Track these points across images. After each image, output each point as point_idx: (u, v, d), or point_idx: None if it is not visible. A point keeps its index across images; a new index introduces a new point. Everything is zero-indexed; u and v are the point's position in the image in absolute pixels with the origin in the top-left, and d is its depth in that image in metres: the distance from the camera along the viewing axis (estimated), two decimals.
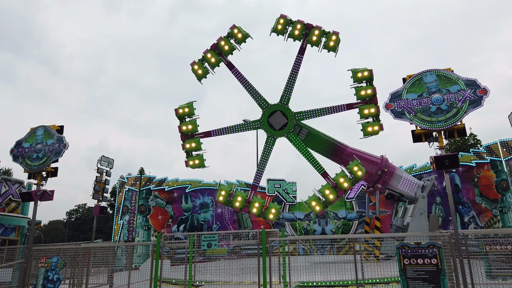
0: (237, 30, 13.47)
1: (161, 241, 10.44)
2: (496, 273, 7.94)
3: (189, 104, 13.74)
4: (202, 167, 13.98)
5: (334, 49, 13.34)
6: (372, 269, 9.75)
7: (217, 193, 13.44)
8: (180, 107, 13.62)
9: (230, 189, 13.28)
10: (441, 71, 9.11)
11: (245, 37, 13.59)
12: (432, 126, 8.68)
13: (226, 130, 14.64)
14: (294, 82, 14.48)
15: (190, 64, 13.75)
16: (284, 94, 14.37)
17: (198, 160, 13.79)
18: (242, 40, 13.70)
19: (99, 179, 16.01)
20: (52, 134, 12.08)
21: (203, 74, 13.74)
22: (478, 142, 39.20)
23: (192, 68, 13.73)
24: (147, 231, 27.92)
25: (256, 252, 10.07)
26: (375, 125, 12.67)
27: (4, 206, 19.28)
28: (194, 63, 13.68)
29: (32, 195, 11.30)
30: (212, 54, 13.52)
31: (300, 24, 13.45)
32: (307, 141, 15.20)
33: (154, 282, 9.99)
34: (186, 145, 13.80)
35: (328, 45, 13.36)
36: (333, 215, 27.92)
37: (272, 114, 14.57)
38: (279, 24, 13.57)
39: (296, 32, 13.54)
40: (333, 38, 13.06)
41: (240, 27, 13.63)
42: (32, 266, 10.84)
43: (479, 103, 8.57)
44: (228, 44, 13.46)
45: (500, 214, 22.63)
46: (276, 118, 14.66)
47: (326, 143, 15.57)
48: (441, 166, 8.06)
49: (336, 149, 15.65)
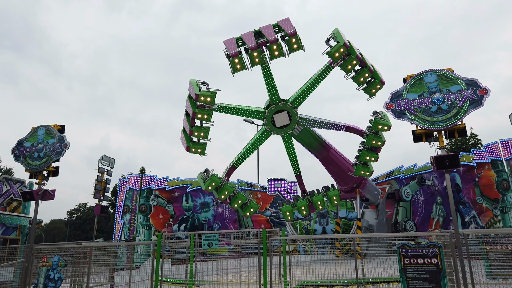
0: (295, 39, 12.89)
1: (162, 241, 10.46)
2: (496, 273, 7.94)
3: (213, 93, 13.32)
4: (202, 155, 14.38)
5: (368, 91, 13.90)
6: (372, 268, 9.75)
7: (207, 182, 14.20)
8: (202, 94, 13.17)
9: (220, 182, 14.42)
10: (442, 71, 9.11)
11: (299, 49, 13.29)
12: (433, 126, 8.68)
13: (229, 109, 14.69)
14: (312, 91, 14.86)
15: (232, 54, 12.72)
16: (298, 98, 14.77)
17: (201, 148, 14.21)
18: (293, 50, 13.21)
19: (100, 178, 16.04)
20: (53, 134, 12.10)
21: (240, 69, 13.16)
22: (479, 142, 39.17)
23: (231, 60, 12.85)
24: (148, 231, 27.95)
25: (257, 252, 10.09)
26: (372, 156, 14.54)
27: (5, 205, 19.33)
28: (236, 55, 12.78)
29: (33, 195, 11.32)
30: (258, 53, 12.85)
31: (355, 60, 13.33)
32: (300, 135, 15.95)
33: (155, 282, 10.01)
34: (195, 132, 13.78)
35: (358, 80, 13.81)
36: (334, 215, 27.90)
37: (279, 112, 14.84)
38: (337, 52, 13.23)
39: (348, 66, 13.54)
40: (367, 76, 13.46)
41: (299, 37, 13.03)
42: (33, 265, 10.86)
43: (480, 103, 8.57)
44: (280, 50, 12.96)
45: (500, 214, 22.62)
46: (281, 116, 14.94)
47: (316, 140, 16.64)
48: (442, 166, 8.06)
49: (323, 147, 16.97)
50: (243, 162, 15.54)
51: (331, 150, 17.45)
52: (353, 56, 13.49)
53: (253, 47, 12.71)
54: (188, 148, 14.48)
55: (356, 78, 13.87)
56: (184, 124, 14.87)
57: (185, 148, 14.77)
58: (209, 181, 14.47)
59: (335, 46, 13.51)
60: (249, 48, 12.66)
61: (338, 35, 13.75)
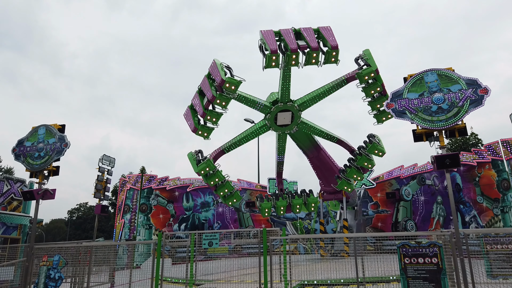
0: (335, 53, 13.14)
1: (162, 240, 10.46)
2: (496, 273, 7.94)
3: (239, 83, 13.14)
4: (206, 139, 14.73)
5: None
6: (373, 268, 9.75)
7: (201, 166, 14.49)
8: (228, 80, 12.97)
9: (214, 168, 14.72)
10: (442, 70, 9.10)
11: (334, 62, 13.43)
12: (433, 125, 8.67)
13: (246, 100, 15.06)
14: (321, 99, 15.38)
15: (272, 50, 12.49)
16: (306, 103, 15.27)
17: (207, 132, 14.49)
18: (328, 63, 13.43)
19: (100, 178, 16.04)
20: (53, 133, 12.10)
21: (274, 66, 13.07)
22: (479, 141, 39.15)
23: (269, 56, 12.61)
24: (148, 230, 27.98)
25: (257, 251, 10.09)
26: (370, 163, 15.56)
27: (6, 204, 19.34)
28: (275, 52, 12.55)
29: (34, 194, 11.32)
30: (296, 56, 12.84)
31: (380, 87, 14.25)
32: (296, 133, 16.45)
33: (155, 281, 10.02)
34: (207, 116, 13.81)
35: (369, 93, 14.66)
36: (334, 214, 27.88)
37: (283, 111, 15.05)
38: (367, 75, 13.94)
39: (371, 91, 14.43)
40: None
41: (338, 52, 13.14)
42: (34, 264, 10.86)
43: (480, 103, 8.55)
44: (316, 59, 13.04)
45: (501, 213, 22.62)
46: (284, 115, 15.16)
47: (310, 141, 17.36)
48: (442, 166, 8.06)
49: (315, 147, 17.77)
50: (232, 150, 15.81)
51: (322, 151, 18.05)
52: (379, 83, 13.67)
53: (294, 49, 12.56)
54: (196, 129, 14.41)
55: (367, 90, 14.16)
56: (194, 102, 14.51)
57: (191, 128, 14.62)
58: (204, 165, 14.50)
59: (367, 70, 13.89)
60: (290, 49, 12.50)
61: (369, 57, 14.13)
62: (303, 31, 13.02)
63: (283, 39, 12.76)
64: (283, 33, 12.84)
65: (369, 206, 27.46)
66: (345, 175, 15.91)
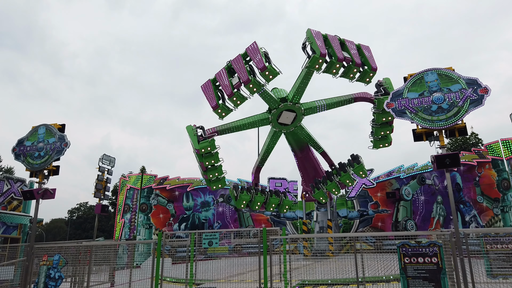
0: (372, 74, 13.82)
1: (162, 240, 10.47)
2: (496, 272, 7.94)
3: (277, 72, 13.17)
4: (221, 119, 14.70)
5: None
6: (373, 267, 9.76)
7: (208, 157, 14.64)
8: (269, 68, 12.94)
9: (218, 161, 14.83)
10: (442, 70, 9.09)
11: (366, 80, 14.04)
12: (433, 125, 8.67)
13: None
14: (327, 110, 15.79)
15: (322, 54, 12.81)
16: (312, 109, 15.62)
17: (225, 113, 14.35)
18: (361, 81, 14.00)
19: (100, 177, 16.04)
20: (53, 133, 12.11)
21: (317, 69, 13.43)
22: (479, 141, 39.13)
23: (316, 58, 12.89)
24: (149, 230, 27.98)
25: (257, 251, 10.10)
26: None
27: (6, 204, 19.35)
28: (324, 56, 12.87)
29: (34, 194, 11.33)
30: (339, 66, 13.27)
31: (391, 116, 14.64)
32: (291, 133, 17.05)
33: (155, 280, 10.02)
34: (233, 97, 13.86)
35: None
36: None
37: (289, 111, 15.45)
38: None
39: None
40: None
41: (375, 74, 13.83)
42: (34, 264, 10.87)
43: (480, 102, 8.54)
44: (354, 75, 13.61)
45: (501, 213, 22.60)
46: (287, 115, 15.49)
47: (300, 141, 17.93)
48: (442, 165, 8.06)
49: (304, 148, 18.41)
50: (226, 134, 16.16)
51: (310, 152, 18.73)
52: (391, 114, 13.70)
53: (341, 59, 12.99)
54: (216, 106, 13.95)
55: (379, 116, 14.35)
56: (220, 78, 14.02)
57: (212, 104, 14.08)
58: (207, 143, 14.56)
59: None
60: (338, 58, 12.90)
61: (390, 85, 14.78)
62: (347, 43, 13.47)
63: (329, 43, 13.00)
64: (330, 39, 13.17)
65: (369, 205, 27.45)
66: (325, 186, 16.72)
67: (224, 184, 16.11)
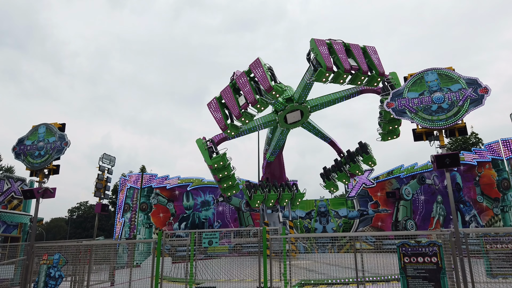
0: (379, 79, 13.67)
1: (162, 239, 10.48)
2: (496, 272, 7.94)
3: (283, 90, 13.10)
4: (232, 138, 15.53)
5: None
6: (372, 267, 9.76)
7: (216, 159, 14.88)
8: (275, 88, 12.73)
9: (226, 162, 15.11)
10: (442, 69, 9.09)
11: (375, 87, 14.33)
12: (433, 124, 8.66)
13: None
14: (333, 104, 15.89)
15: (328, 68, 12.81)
16: (318, 106, 15.83)
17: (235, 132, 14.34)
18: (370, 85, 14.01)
19: (101, 176, 16.04)
20: (54, 132, 12.11)
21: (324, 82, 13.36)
22: (479, 141, 39.12)
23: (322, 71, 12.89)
24: (149, 229, 27.99)
25: (257, 250, 10.10)
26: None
27: (6, 203, 19.37)
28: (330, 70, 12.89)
29: (34, 193, 11.33)
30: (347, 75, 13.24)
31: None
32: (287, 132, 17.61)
33: (155, 280, 10.03)
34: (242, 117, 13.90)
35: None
36: (334, 214, 27.92)
37: (296, 110, 15.70)
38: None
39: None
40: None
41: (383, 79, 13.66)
42: (34, 263, 10.88)
43: (480, 102, 8.54)
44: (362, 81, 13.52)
45: (501, 213, 22.59)
46: (294, 115, 15.71)
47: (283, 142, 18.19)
48: (442, 165, 8.06)
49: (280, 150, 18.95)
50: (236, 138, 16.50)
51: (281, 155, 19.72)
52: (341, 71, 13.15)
53: (348, 69, 12.91)
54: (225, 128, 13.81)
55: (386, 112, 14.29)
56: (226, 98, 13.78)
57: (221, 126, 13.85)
58: (219, 159, 14.77)
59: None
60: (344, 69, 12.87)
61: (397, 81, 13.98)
62: (353, 49, 13.16)
63: (334, 51, 12.82)
64: (335, 47, 12.86)
65: (369, 205, 27.48)
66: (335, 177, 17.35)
67: (238, 189, 16.58)
